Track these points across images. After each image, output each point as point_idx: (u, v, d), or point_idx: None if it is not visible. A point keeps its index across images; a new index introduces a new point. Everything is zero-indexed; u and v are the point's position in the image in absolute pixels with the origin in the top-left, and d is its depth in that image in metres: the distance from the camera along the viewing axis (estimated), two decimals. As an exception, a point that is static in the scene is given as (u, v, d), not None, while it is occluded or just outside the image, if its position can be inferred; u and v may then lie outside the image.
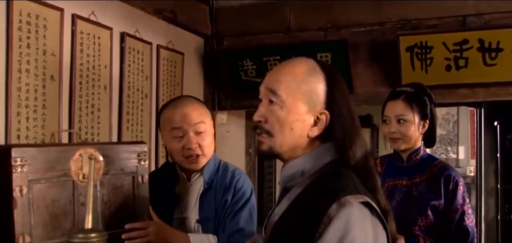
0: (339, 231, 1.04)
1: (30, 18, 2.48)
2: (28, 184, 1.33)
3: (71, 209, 1.42)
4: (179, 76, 3.78)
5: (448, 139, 9.58)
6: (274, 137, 1.21)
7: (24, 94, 2.45)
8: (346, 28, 3.78)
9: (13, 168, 1.29)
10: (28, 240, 1.32)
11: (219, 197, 1.85)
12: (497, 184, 5.65)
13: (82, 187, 1.43)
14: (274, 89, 1.21)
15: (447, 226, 2.07)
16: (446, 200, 2.08)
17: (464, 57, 3.43)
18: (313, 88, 1.20)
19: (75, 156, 1.42)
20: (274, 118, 1.21)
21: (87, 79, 2.86)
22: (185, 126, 1.82)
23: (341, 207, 1.06)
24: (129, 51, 3.19)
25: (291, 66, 1.23)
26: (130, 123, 3.22)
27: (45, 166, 1.38)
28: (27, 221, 1.33)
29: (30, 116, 2.48)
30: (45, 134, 2.56)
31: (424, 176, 2.17)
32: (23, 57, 2.44)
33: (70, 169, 1.42)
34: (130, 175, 1.57)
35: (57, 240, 1.39)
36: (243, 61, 3.94)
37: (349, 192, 1.09)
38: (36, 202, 1.35)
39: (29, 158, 1.33)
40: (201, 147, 1.85)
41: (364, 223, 1.08)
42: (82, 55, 2.82)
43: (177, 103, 1.90)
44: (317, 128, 1.21)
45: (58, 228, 1.40)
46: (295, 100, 1.20)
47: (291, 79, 1.20)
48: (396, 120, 2.15)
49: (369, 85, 3.74)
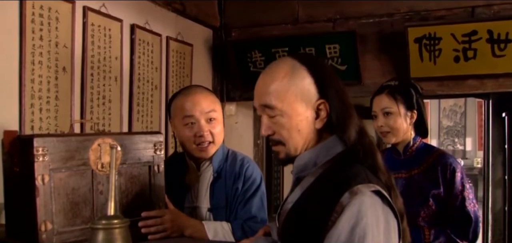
0: (351, 219, 1.07)
1: (42, 10, 2.51)
2: (49, 173, 1.37)
3: (90, 197, 1.47)
4: (188, 67, 3.80)
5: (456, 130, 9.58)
6: (287, 144, 1.25)
7: (37, 86, 2.49)
8: (354, 20, 3.78)
9: (35, 157, 1.33)
10: (49, 227, 1.36)
11: (229, 185, 1.87)
12: (504, 175, 5.65)
13: (100, 176, 1.47)
14: (267, 104, 1.23)
15: (449, 214, 2.09)
16: (445, 188, 2.10)
17: (473, 48, 3.43)
18: (301, 85, 1.23)
19: (94, 146, 1.46)
20: (279, 128, 1.24)
21: (98, 71, 2.89)
22: (197, 114, 1.84)
23: (353, 196, 1.08)
24: (139, 42, 3.22)
25: (272, 74, 1.25)
26: (141, 114, 3.25)
27: (65, 155, 1.41)
28: (49, 208, 1.37)
29: (43, 107, 2.52)
30: (58, 125, 2.60)
31: (422, 166, 2.19)
32: (36, 49, 2.48)
33: (89, 158, 1.45)
34: (146, 165, 1.60)
35: (77, 227, 1.43)
36: (252, 52, 3.96)
37: (360, 181, 1.11)
38: (57, 190, 1.39)
39: (50, 148, 1.37)
40: (212, 134, 1.87)
41: (375, 211, 1.10)
42: (93, 47, 2.85)
43: (188, 91, 1.92)
44: (319, 119, 1.24)
45: (78, 215, 1.44)
46: (290, 103, 1.22)
47: (278, 86, 1.22)
48: (382, 113, 2.18)
49: (378, 76, 3.74)
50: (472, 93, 4.62)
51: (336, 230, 1.07)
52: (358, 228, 1.06)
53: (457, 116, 9.68)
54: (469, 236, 2.07)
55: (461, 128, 9.70)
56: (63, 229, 1.40)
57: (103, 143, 1.47)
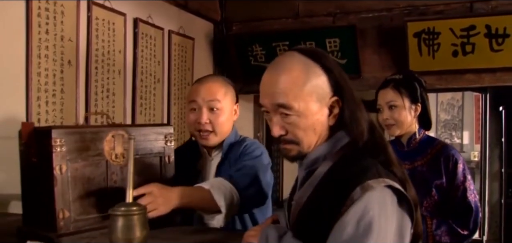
0: (358, 211, 1.08)
1: (48, 4, 2.54)
2: (66, 163, 1.42)
3: (104, 186, 1.52)
4: (190, 61, 3.84)
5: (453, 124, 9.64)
6: (301, 143, 1.24)
7: (43, 79, 2.53)
8: (354, 14, 3.83)
9: (53, 148, 1.38)
10: (67, 215, 1.41)
11: (233, 165, 1.86)
12: (501, 168, 5.72)
13: (114, 166, 1.52)
14: (283, 103, 1.20)
15: (451, 204, 2.15)
16: (447, 179, 2.16)
17: (471, 43, 3.48)
18: (316, 83, 1.22)
19: (108, 137, 1.50)
20: (295, 128, 1.22)
21: (103, 64, 2.93)
22: (200, 100, 1.85)
23: (363, 191, 1.10)
24: (142, 36, 3.26)
25: (284, 72, 1.21)
26: (144, 107, 3.29)
27: (81, 146, 1.46)
28: (66, 197, 1.42)
29: (49, 100, 2.56)
30: (64, 117, 2.64)
31: (425, 158, 2.24)
32: (42, 43, 2.51)
33: (104, 149, 1.50)
34: (157, 156, 1.65)
35: (92, 215, 1.48)
36: (253, 46, 4.01)
37: (371, 177, 1.12)
38: (74, 180, 1.44)
39: (67, 139, 1.42)
40: (213, 124, 1.86)
41: (384, 205, 1.11)
42: (97, 40, 2.89)
43: (202, 78, 1.95)
44: (332, 116, 1.24)
45: (93, 204, 1.50)
46: (306, 103, 1.20)
47: (294, 86, 1.19)
48: (388, 107, 2.24)
49: (377, 70, 3.80)
50: (470, 87, 4.68)
51: (343, 221, 1.09)
52: (364, 221, 1.08)
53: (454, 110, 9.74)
54: (470, 225, 2.12)
55: (459, 121, 9.76)
56: (79, 217, 1.45)
57: (117, 134, 1.52)
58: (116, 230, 1.21)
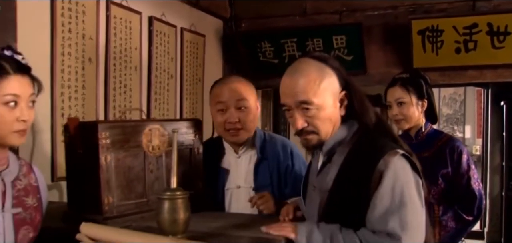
0: (390, 180, 1.35)
1: (70, 4, 2.67)
2: (110, 154, 1.57)
3: (142, 175, 1.68)
4: (201, 57, 3.97)
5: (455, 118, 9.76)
6: (320, 132, 1.48)
7: (66, 76, 2.66)
8: (360, 12, 3.95)
9: (99, 140, 1.53)
10: (111, 200, 1.57)
11: (273, 165, 2.02)
12: (502, 162, 5.86)
13: (151, 157, 1.68)
14: (305, 100, 1.44)
15: (456, 191, 2.31)
16: (452, 168, 2.33)
17: (473, 40, 3.61)
18: (329, 81, 1.47)
19: (145, 131, 1.65)
20: (315, 120, 1.46)
21: (120, 61, 3.06)
22: (228, 101, 1.98)
23: (387, 163, 1.37)
24: (156, 34, 3.39)
25: (305, 74, 1.46)
26: (158, 102, 3.43)
27: (122, 139, 1.61)
28: (110, 185, 1.58)
29: (72, 95, 2.69)
30: (85, 112, 2.77)
31: (432, 149, 2.41)
32: (65, 41, 2.64)
33: (142, 141, 1.65)
34: (188, 148, 1.80)
35: (131, 201, 1.65)
36: (261, 42, 4.13)
37: (388, 150, 1.39)
38: (116, 169, 1.60)
39: (111, 132, 1.57)
40: (242, 122, 1.99)
41: (406, 170, 1.40)
42: (115, 38, 3.01)
43: (225, 80, 2.08)
44: (343, 107, 1.51)
45: (132, 191, 1.66)
46: (323, 98, 1.45)
47: (312, 84, 1.45)
48: (396, 103, 2.40)
49: (382, 66, 3.93)
50: (472, 83, 4.80)
51: (379, 193, 1.35)
52: (396, 187, 1.35)
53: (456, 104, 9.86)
54: (474, 211, 2.29)
55: (460, 116, 9.88)
56: (120, 202, 1.61)
57: (153, 128, 1.66)
58: (163, 211, 1.38)
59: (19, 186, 1.46)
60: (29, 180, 1.49)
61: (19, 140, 1.42)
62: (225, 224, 1.66)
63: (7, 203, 1.41)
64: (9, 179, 1.44)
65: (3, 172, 1.43)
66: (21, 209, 1.44)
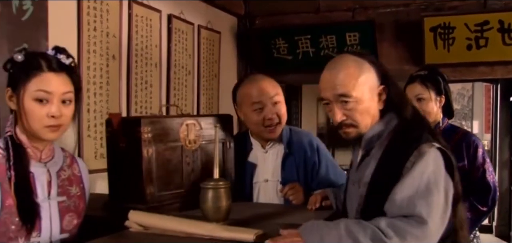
0: (420, 167, 1.38)
1: (95, 3, 2.77)
2: (152, 147, 1.68)
3: (180, 167, 1.79)
4: (217, 53, 4.06)
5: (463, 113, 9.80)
6: (359, 125, 1.52)
7: (92, 72, 2.76)
8: (373, 9, 4.03)
9: (142, 135, 1.64)
10: (152, 191, 1.68)
11: (299, 159, 2.11)
12: (510, 157, 5.93)
13: (187, 150, 1.79)
14: (345, 93, 1.48)
15: (472, 183, 2.40)
16: (468, 161, 2.42)
17: (485, 37, 3.69)
18: (367, 76, 1.50)
19: (183, 126, 1.75)
20: (354, 113, 1.50)
21: (141, 58, 3.16)
22: (264, 99, 2.06)
23: (420, 153, 1.40)
24: (175, 31, 3.48)
25: (344, 69, 1.50)
26: (177, 97, 3.53)
27: (162, 133, 1.72)
28: (152, 176, 1.68)
29: (97, 91, 2.80)
30: (109, 107, 2.87)
31: (449, 144, 2.48)
32: (91, 39, 2.74)
33: (180, 136, 1.75)
34: (220, 142, 1.89)
35: (170, 191, 1.76)
36: (276, 39, 4.22)
37: (424, 142, 1.43)
38: (157, 162, 1.70)
39: (152, 127, 1.67)
40: (279, 116, 2.08)
41: (438, 162, 1.42)
42: (137, 36, 3.11)
43: (253, 79, 2.15)
44: (381, 101, 1.54)
45: (171, 182, 1.76)
46: (362, 92, 1.49)
47: (352, 78, 1.48)
48: (416, 99, 2.49)
49: (394, 62, 4.00)
50: (482, 79, 4.86)
51: (410, 176, 1.39)
52: (426, 173, 1.39)
53: (464, 100, 9.89)
54: (488, 203, 2.39)
55: (468, 111, 9.90)
56: (160, 193, 1.72)
57: (189, 123, 1.77)
58: (206, 200, 1.49)
59: (63, 176, 1.55)
60: (72, 171, 1.59)
61: (50, 135, 1.46)
62: (260, 212, 1.77)
63: (53, 191, 1.50)
64: (54, 169, 1.53)
65: (48, 163, 1.53)
66: (65, 197, 1.53)
